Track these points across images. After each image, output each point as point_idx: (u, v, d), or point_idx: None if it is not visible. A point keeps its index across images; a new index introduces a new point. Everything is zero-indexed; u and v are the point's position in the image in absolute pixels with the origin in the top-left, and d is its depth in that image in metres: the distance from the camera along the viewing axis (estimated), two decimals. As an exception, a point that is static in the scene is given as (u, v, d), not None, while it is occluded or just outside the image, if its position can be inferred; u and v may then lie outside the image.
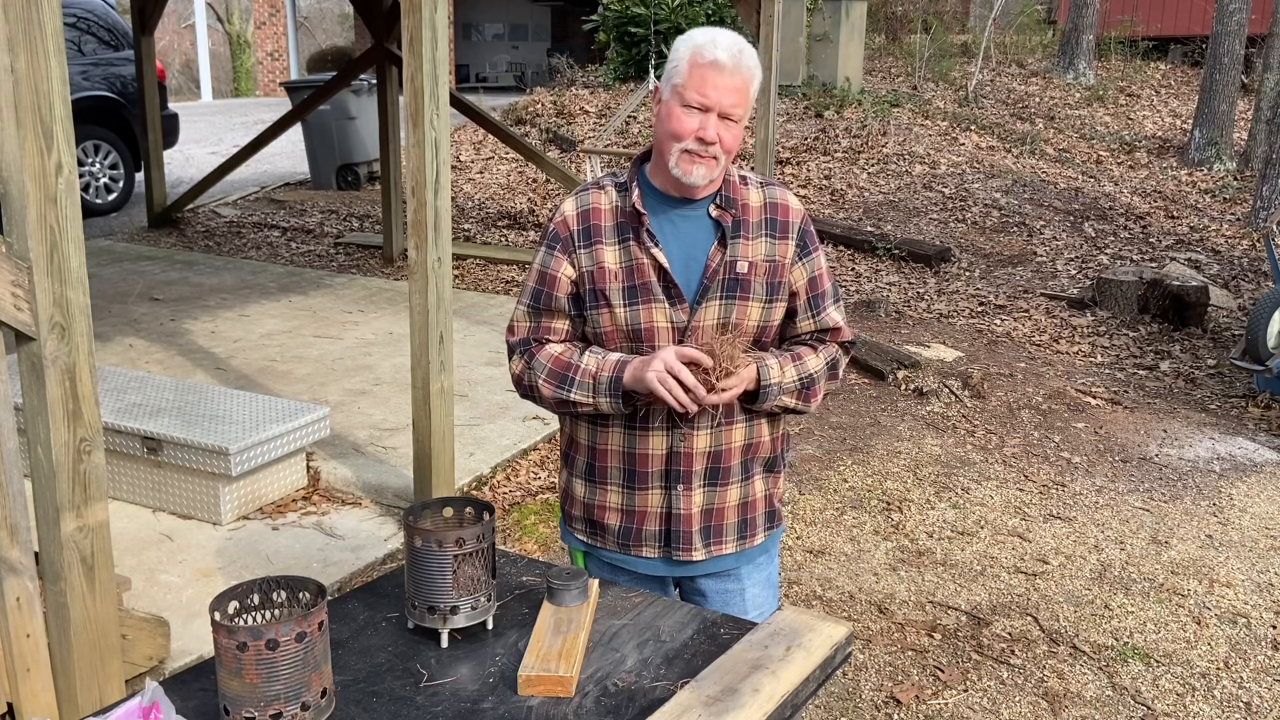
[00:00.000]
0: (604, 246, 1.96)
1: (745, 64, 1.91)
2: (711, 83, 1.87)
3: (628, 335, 1.95)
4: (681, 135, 1.89)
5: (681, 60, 1.90)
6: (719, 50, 1.88)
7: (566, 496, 2.16)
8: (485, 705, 1.56)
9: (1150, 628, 3.58)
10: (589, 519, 2.11)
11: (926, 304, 7.49)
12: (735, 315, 1.96)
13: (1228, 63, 11.38)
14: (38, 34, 2.23)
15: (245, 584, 1.54)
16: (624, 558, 2.09)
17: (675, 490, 2.01)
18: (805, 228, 2.05)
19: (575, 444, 2.10)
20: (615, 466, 2.03)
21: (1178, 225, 9.57)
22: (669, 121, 1.91)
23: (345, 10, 24.13)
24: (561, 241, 1.99)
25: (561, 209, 2.02)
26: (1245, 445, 5.22)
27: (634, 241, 1.95)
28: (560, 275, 1.98)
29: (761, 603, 2.17)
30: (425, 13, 3.56)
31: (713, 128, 1.88)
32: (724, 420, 2.00)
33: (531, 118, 12.60)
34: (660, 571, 2.10)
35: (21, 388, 2.38)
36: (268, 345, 5.94)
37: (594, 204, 2.00)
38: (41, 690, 2.45)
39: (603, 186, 2.03)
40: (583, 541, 2.14)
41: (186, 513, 4.01)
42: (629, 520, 2.06)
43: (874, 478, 4.71)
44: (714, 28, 1.96)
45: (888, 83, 13.89)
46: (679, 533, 2.03)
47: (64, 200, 2.32)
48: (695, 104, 1.88)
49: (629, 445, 2.01)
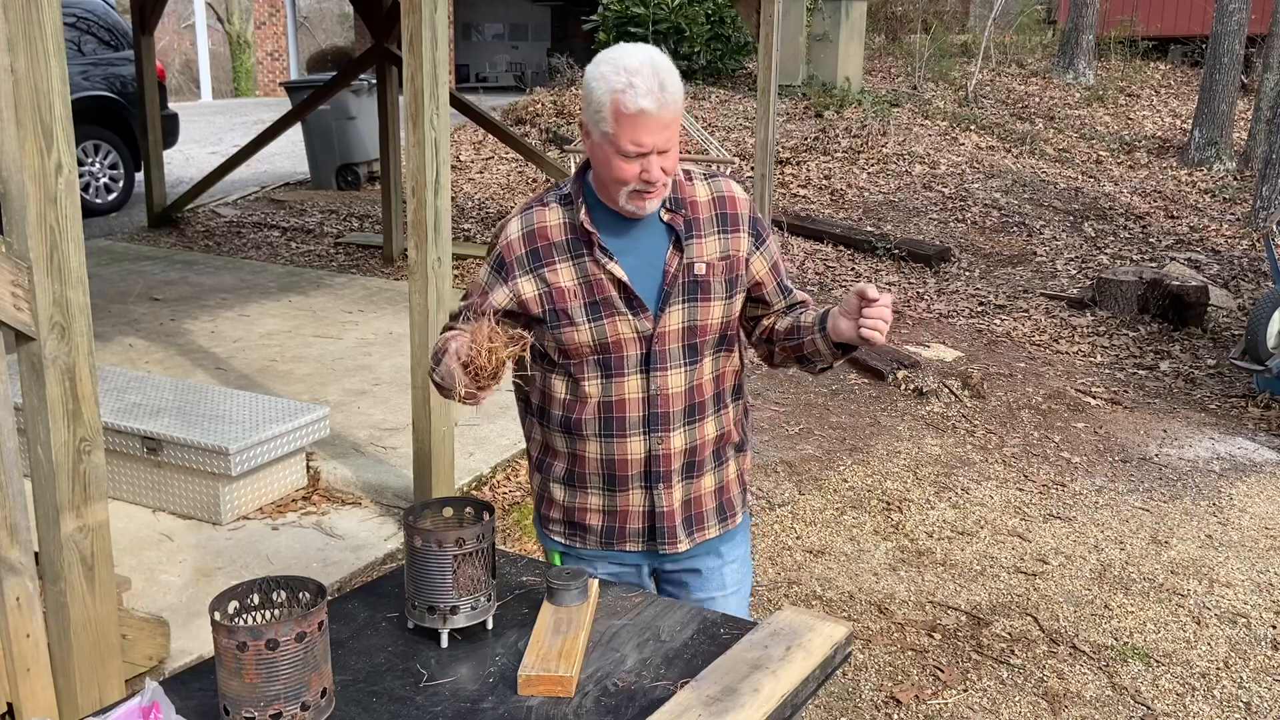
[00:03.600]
0: (557, 266, 1.94)
1: (670, 97, 1.82)
2: (643, 129, 1.81)
3: (595, 349, 1.95)
4: (626, 179, 1.86)
5: (604, 106, 1.82)
6: (640, 98, 1.79)
7: (542, 500, 2.15)
8: (485, 705, 1.56)
9: (1150, 628, 3.58)
10: (569, 521, 2.11)
11: (926, 304, 7.49)
12: (700, 317, 1.97)
13: (1227, 63, 11.38)
14: (38, 34, 2.23)
15: (245, 584, 1.54)
16: (606, 553, 2.11)
17: (656, 490, 2.02)
18: (754, 215, 2.06)
19: (551, 450, 2.09)
20: (595, 473, 2.04)
21: (1178, 225, 9.57)
22: (608, 168, 1.87)
23: (345, 10, 24.12)
24: (506, 266, 1.96)
25: (506, 230, 1.98)
26: (1245, 445, 5.22)
27: (588, 258, 1.93)
28: (493, 298, 1.96)
29: (740, 579, 2.20)
30: (425, 13, 3.56)
31: (655, 166, 1.85)
32: (697, 417, 2.01)
33: (531, 118, 12.60)
34: (645, 562, 2.12)
35: (21, 388, 2.38)
36: (268, 345, 5.94)
37: (539, 223, 1.96)
38: (41, 690, 2.45)
39: (546, 203, 1.99)
40: (560, 543, 2.14)
41: (186, 513, 4.01)
42: (611, 520, 2.07)
43: (874, 478, 4.71)
44: (624, 54, 1.83)
45: (888, 83, 13.90)
46: (663, 529, 2.05)
47: (64, 200, 2.32)
48: (631, 151, 1.83)
49: (607, 452, 2.01)
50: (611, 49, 1.89)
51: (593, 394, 1.97)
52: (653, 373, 1.96)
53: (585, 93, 1.87)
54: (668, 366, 1.96)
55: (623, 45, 1.91)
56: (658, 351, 1.95)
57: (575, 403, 1.99)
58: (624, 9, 13.27)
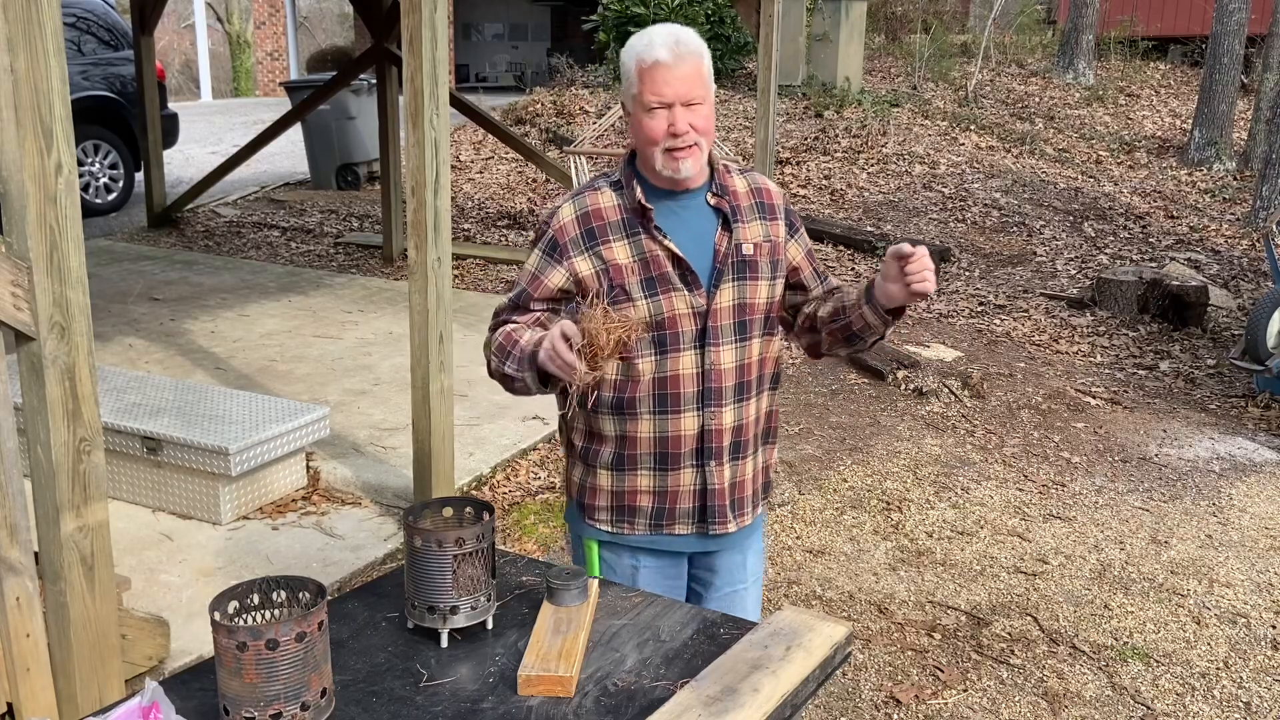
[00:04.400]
0: (613, 244, 2.01)
1: (687, 50, 1.95)
2: (662, 79, 1.93)
3: (651, 325, 2.00)
4: (656, 138, 1.96)
5: (630, 72, 1.98)
6: (656, 50, 1.93)
7: (585, 490, 2.15)
8: (485, 705, 1.56)
9: (1150, 627, 3.58)
10: (617, 506, 2.12)
11: (926, 304, 7.49)
12: (749, 295, 2.05)
13: (1227, 63, 11.38)
14: (38, 34, 2.23)
15: (245, 584, 1.54)
16: (655, 538, 2.12)
17: (708, 466, 2.07)
18: (788, 207, 2.18)
19: (597, 436, 2.10)
20: (646, 453, 2.06)
21: (1177, 225, 9.57)
22: (641, 130, 1.98)
23: (345, 10, 24.12)
24: (560, 248, 2.02)
25: (558, 214, 2.05)
26: (1245, 445, 5.22)
27: (644, 235, 2.01)
28: (548, 281, 2.03)
29: (758, 569, 2.28)
30: (425, 13, 3.56)
31: (680, 119, 1.94)
32: (744, 396, 2.08)
33: (531, 118, 12.59)
34: (692, 548, 2.15)
35: (21, 388, 2.38)
36: (267, 345, 5.94)
37: (593, 205, 2.04)
38: (41, 690, 2.45)
39: (598, 188, 2.07)
40: (605, 531, 2.14)
41: (186, 513, 4.01)
42: (661, 501, 2.09)
43: (874, 477, 4.71)
44: (650, 29, 2.01)
45: (887, 83, 13.90)
46: (713, 507, 2.09)
47: (64, 200, 2.32)
48: (655, 105, 1.95)
49: (660, 430, 2.04)
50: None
51: (646, 371, 2.02)
52: (707, 348, 2.02)
53: (621, 75, 2.02)
54: (720, 342, 2.03)
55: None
56: (712, 328, 2.01)
57: (627, 382, 2.03)
58: (624, 9, 13.28)
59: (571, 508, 2.22)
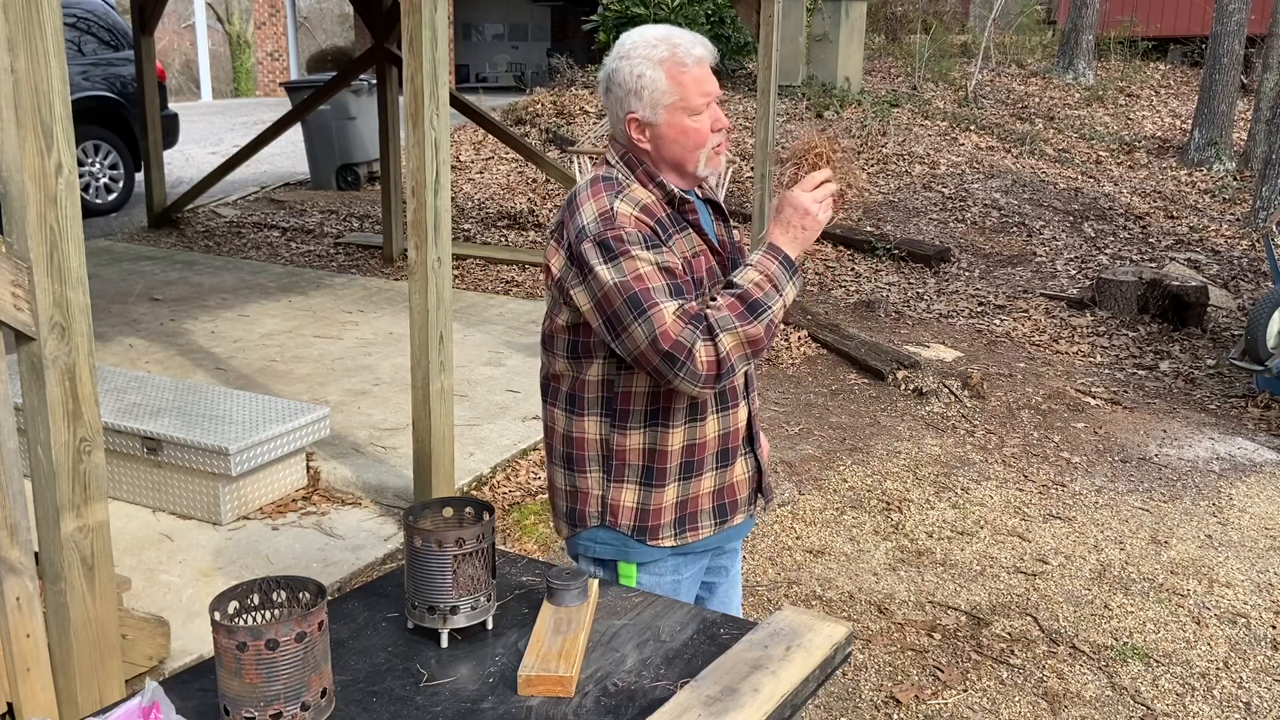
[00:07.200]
0: (675, 239, 1.94)
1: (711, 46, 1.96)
2: (705, 77, 1.91)
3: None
4: (704, 141, 1.93)
5: (659, 81, 1.88)
6: (693, 48, 1.90)
7: (643, 513, 2.03)
8: (485, 705, 1.56)
9: (1150, 628, 3.58)
10: (682, 516, 2.05)
11: (926, 304, 7.49)
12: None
13: (1227, 63, 11.38)
14: (38, 34, 2.23)
15: (245, 584, 1.54)
16: (715, 538, 2.12)
17: (757, 448, 2.14)
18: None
19: (662, 454, 2.00)
20: (711, 453, 2.05)
21: (1177, 225, 9.57)
22: (687, 137, 1.92)
23: (345, 10, 24.12)
24: (648, 236, 1.88)
25: (616, 213, 1.88)
26: (1245, 445, 5.22)
27: (693, 231, 1.99)
28: (674, 260, 1.90)
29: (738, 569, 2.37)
30: (425, 13, 3.56)
31: (720, 113, 1.96)
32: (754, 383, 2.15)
33: (531, 118, 12.59)
34: (746, 532, 2.22)
35: (21, 388, 2.38)
36: (268, 345, 5.95)
37: (644, 200, 1.93)
38: (41, 690, 2.45)
39: (629, 185, 1.95)
40: (670, 547, 2.06)
41: (186, 513, 4.01)
42: (721, 497, 2.10)
43: (873, 478, 4.71)
44: (639, 36, 1.92)
45: (887, 83, 13.89)
46: (765, 484, 2.18)
47: (64, 200, 2.32)
48: (703, 105, 1.91)
49: (724, 425, 2.05)
50: (616, 48, 1.94)
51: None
52: None
53: (628, 91, 1.91)
54: None
55: (624, 38, 1.95)
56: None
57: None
58: (624, 9, 13.27)
59: (605, 536, 2.06)
